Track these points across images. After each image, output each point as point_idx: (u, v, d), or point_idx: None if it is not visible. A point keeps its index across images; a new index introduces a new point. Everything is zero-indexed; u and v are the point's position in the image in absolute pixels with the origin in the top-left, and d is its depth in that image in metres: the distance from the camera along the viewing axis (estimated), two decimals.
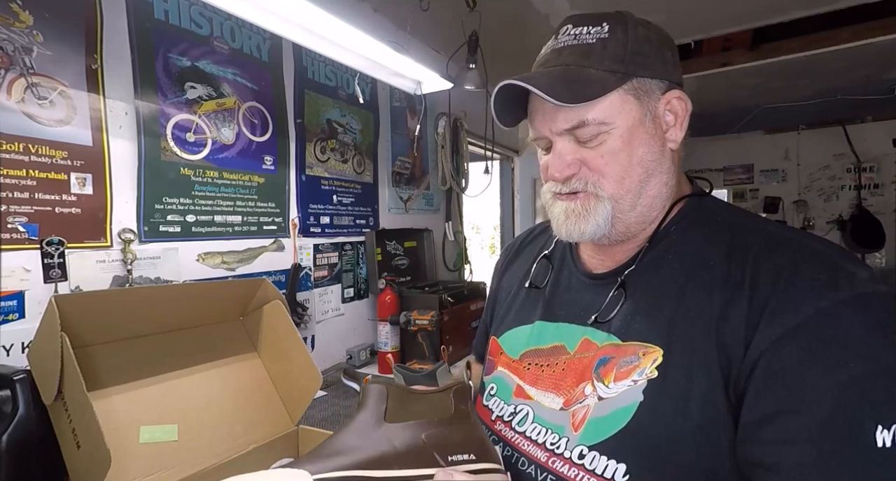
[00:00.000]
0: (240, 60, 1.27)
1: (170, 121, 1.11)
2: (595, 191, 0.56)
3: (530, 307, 0.69)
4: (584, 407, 0.54)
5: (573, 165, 0.57)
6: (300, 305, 1.45)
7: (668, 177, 0.58)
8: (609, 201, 0.56)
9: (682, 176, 0.63)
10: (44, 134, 0.89)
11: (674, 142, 0.58)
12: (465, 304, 1.72)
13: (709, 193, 0.63)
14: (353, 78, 1.66)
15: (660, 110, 0.57)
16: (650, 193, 0.57)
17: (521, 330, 0.68)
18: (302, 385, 0.91)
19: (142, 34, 1.05)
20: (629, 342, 0.54)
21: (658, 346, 0.51)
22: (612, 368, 0.54)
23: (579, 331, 0.60)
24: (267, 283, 0.93)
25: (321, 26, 1.09)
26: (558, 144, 0.57)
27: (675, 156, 0.60)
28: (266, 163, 1.35)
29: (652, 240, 0.58)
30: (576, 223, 0.58)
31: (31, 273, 0.88)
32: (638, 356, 0.52)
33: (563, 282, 0.67)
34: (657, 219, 0.59)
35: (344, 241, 1.66)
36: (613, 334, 0.56)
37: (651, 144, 0.56)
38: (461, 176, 2.24)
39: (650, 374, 0.51)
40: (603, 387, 0.54)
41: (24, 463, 0.67)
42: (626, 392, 0.51)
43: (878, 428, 0.39)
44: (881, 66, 3.06)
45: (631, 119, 0.55)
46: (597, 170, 0.56)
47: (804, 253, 0.49)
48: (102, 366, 0.75)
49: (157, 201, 1.09)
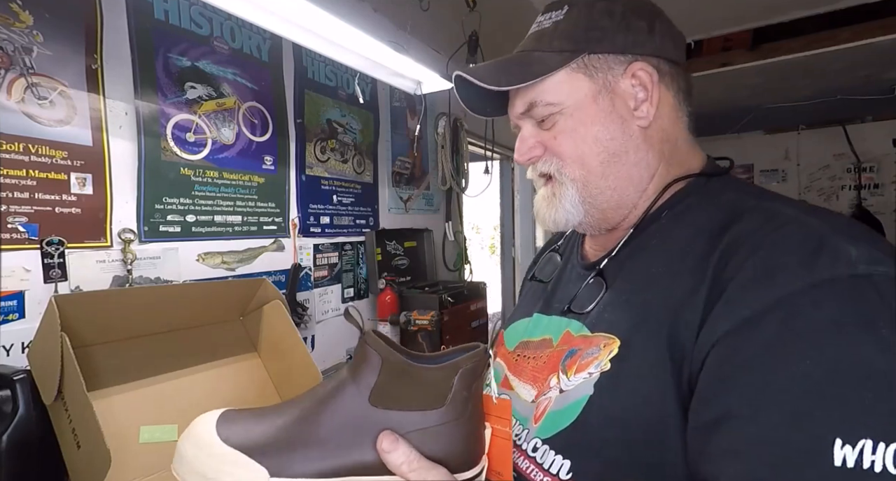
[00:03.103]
0: (240, 60, 1.27)
1: (170, 121, 1.11)
2: (558, 175, 0.55)
3: (533, 300, 0.68)
4: (547, 400, 0.52)
5: (535, 148, 0.56)
6: (300, 305, 1.45)
7: (642, 156, 0.54)
8: (572, 185, 0.55)
9: (687, 154, 0.57)
10: (44, 134, 0.89)
11: (643, 118, 0.53)
12: (466, 304, 1.72)
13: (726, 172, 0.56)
14: (353, 78, 1.66)
15: (623, 86, 0.53)
16: (619, 175, 0.54)
17: (521, 322, 0.68)
18: (302, 385, 0.91)
19: (142, 34, 1.05)
20: (596, 333, 0.51)
21: (617, 338, 0.48)
22: (577, 360, 0.51)
23: (564, 323, 0.58)
24: (267, 283, 0.93)
25: (321, 26, 1.09)
26: (523, 128, 0.58)
27: (655, 134, 0.55)
28: (266, 163, 1.35)
29: (637, 227, 0.54)
30: (547, 209, 0.57)
31: (31, 273, 0.88)
32: (599, 347, 0.49)
33: (566, 275, 0.66)
34: (641, 203, 0.55)
35: (344, 241, 1.66)
36: (585, 326, 0.53)
37: (608, 123, 0.53)
38: (461, 176, 2.24)
39: (604, 367, 0.47)
40: (565, 379, 0.51)
41: (24, 463, 0.67)
42: (580, 384, 0.49)
43: (838, 442, 0.32)
44: (881, 66, 3.06)
45: (581, 97, 0.53)
46: (554, 151, 0.55)
47: (788, 228, 0.42)
48: (102, 366, 0.75)
49: (157, 201, 1.08)
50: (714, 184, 0.54)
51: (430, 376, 0.43)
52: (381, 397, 0.43)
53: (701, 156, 0.59)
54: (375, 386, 0.43)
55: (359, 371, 0.44)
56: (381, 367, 0.43)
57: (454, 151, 2.22)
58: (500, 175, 3.23)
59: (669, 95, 0.55)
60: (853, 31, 2.18)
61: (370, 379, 0.43)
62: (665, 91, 0.55)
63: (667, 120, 0.55)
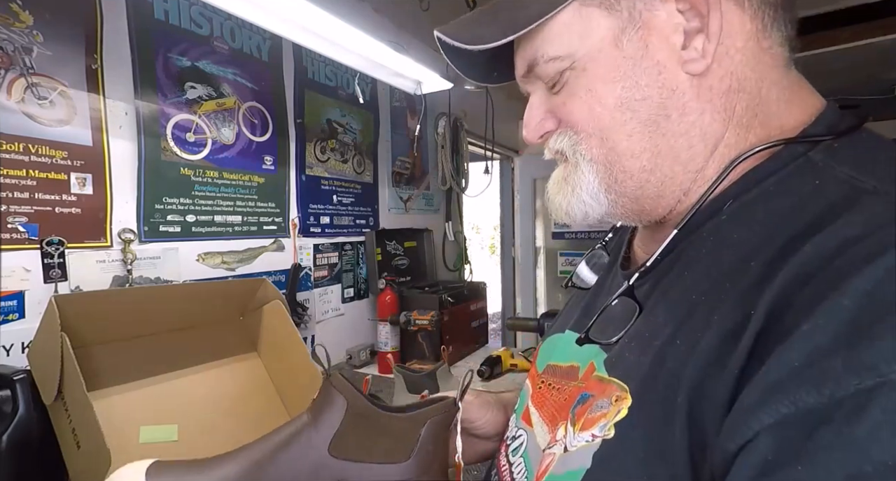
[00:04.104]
0: (240, 60, 1.27)
1: (170, 121, 1.11)
2: (572, 154, 0.41)
3: (572, 310, 0.54)
4: (551, 456, 0.40)
5: (546, 120, 0.42)
6: (300, 305, 1.45)
7: (695, 119, 0.37)
8: (590, 167, 0.40)
9: (783, 105, 0.37)
10: (44, 134, 0.89)
11: (696, 60, 0.36)
12: (466, 304, 1.72)
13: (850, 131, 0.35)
14: (353, 78, 1.66)
15: (661, 15, 0.36)
16: (657, 150, 0.37)
17: (555, 338, 0.54)
18: (302, 385, 0.91)
19: (142, 34, 1.05)
20: (612, 378, 0.37)
21: (629, 393, 0.34)
22: (586, 410, 0.38)
23: (594, 352, 0.42)
24: (267, 283, 0.93)
25: (321, 26, 1.09)
26: (531, 95, 0.44)
27: (718, 84, 0.36)
28: (266, 163, 1.35)
29: (684, 226, 0.37)
30: (556, 197, 0.43)
31: (31, 273, 0.88)
32: (610, 400, 0.36)
33: (608, 282, 0.51)
34: (696, 188, 0.38)
35: (344, 241, 1.66)
36: (604, 363, 0.39)
37: (638, 74, 0.37)
38: (461, 176, 2.24)
39: (607, 432, 0.34)
40: (571, 434, 0.38)
41: (24, 463, 0.67)
42: (582, 449, 0.36)
43: None
44: (881, 66, 3.06)
45: (596, 41, 0.37)
46: (566, 122, 0.41)
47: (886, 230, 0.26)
48: (102, 366, 0.75)
49: (157, 201, 1.08)
50: (815, 157, 0.34)
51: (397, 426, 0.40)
52: (343, 446, 0.39)
53: (810, 104, 0.38)
54: (337, 433, 0.39)
55: (321, 414, 0.41)
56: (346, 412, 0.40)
57: (454, 151, 2.22)
58: (500, 175, 3.23)
59: (744, 17, 0.36)
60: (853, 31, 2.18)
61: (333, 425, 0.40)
62: (735, 9, 0.36)
63: (740, 57, 0.36)
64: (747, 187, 0.36)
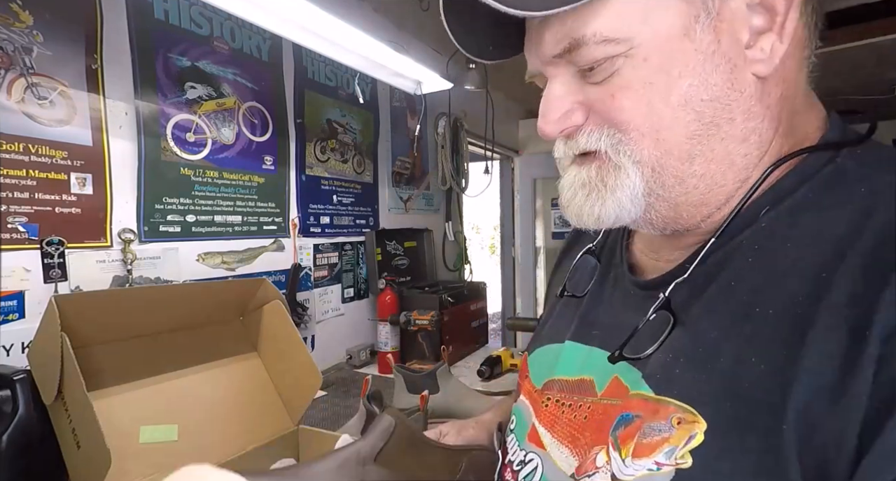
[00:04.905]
0: (240, 60, 1.27)
1: (170, 121, 1.11)
2: (615, 154, 0.36)
3: (564, 319, 0.51)
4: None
5: (574, 112, 0.37)
6: (300, 305, 1.45)
7: (755, 125, 0.35)
8: (637, 169, 0.36)
9: (804, 115, 0.37)
10: (44, 134, 0.89)
11: (763, 61, 0.33)
12: (465, 304, 1.72)
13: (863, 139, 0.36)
14: (353, 78, 1.66)
15: (732, 6, 0.33)
16: (713, 155, 0.35)
17: (551, 349, 0.51)
18: (302, 385, 0.91)
19: (142, 34, 1.05)
20: (664, 398, 0.34)
21: (701, 416, 0.31)
22: (635, 433, 0.34)
23: (610, 364, 0.40)
24: (267, 283, 0.93)
25: (321, 26, 1.09)
26: (552, 80, 0.37)
27: (775, 89, 0.35)
28: (266, 163, 1.35)
29: (723, 232, 0.36)
30: (586, 202, 0.38)
31: (31, 273, 0.88)
32: (670, 424, 0.33)
33: (608, 287, 0.48)
34: (737, 196, 0.36)
35: (344, 241, 1.66)
36: (645, 381, 0.36)
37: (708, 71, 0.33)
38: (461, 176, 2.24)
39: (680, 460, 0.31)
40: (619, 461, 0.35)
41: (24, 464, 0.67)
42: (644, 478, 0.33)
43: None
44: (881, 66, 3.06)
45: (664, 28, 0.32)
46: (610, 118, 0.35)
47: None
48: (102, 366, 0.75)
49: (157, 201, 1.09)
50: (847, 164, 0.34)
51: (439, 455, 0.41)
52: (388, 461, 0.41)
53: (819, 109, 0.38)
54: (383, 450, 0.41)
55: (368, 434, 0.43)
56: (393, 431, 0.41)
57: (454, 151, 2.22)
58: (500, 175, 3.23)
59: (800, 23, 0.35)
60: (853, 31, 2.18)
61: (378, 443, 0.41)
62: (801, 11, 0.34)
63: (790, 64, 0.35)
64: (781, 195, 0.35)
